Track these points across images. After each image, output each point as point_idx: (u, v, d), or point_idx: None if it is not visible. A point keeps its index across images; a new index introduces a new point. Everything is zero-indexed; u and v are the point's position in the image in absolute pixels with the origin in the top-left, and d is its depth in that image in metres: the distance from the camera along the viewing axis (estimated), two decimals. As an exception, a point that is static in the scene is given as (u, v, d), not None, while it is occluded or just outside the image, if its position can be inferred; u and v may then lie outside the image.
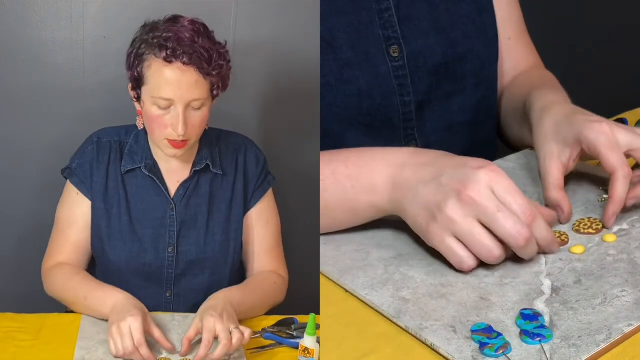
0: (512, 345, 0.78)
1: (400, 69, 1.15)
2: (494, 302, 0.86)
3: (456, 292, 0.88)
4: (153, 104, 1.10)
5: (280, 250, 1.28)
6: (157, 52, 1.08)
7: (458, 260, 0.90)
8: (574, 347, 0.77)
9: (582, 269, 0.91)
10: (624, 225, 1.00)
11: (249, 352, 1.04)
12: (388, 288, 0.89)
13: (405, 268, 0.93)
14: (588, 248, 0.96)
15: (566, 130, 1.04)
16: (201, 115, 1.12)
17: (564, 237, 0.98)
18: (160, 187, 1.19)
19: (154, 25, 1.12)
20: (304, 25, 1.43)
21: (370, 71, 1.14)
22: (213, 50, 1.10)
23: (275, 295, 1.22)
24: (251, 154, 1.25)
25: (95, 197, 1.18)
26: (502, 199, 0.88)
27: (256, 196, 1.25)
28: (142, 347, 1.00)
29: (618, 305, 0.84)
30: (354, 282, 0.91)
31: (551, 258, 0.94)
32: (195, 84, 1.09)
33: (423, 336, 0.81)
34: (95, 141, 1.20)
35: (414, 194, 0.93)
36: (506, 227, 0.87)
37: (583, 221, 1.01)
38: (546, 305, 0.84)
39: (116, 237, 1.18)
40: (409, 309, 0.85)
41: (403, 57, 1.15)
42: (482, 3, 1.25)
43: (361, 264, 0.95)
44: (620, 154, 1.00)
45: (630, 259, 0.92)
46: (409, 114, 1.18)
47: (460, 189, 0.88)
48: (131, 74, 1.13)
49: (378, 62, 1.14)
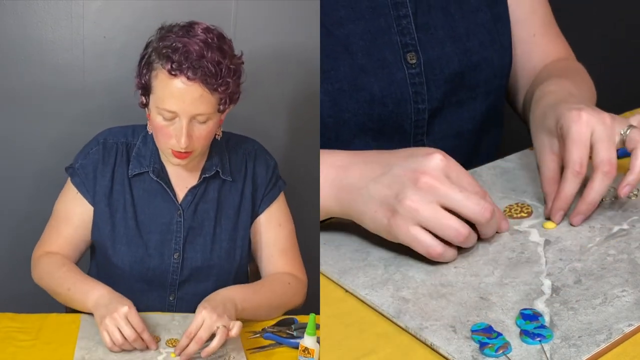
0: (512, 345, 0.78)
1: (417, 76, 1.15)
2: (494, 302, 0.86)
3: (456, 292, 0.88)
4: (158, 114, 1.09)
5: (295, 251, 1.25)
6: (163, 63, 1.06)
7: (426, 248, 0.90)
8: (574, 347, 0.77)
9: (582, 268, 0.91)
10: (624, 225, 1.00)
11: (249, 352, 1.04)
12: (388, 288, 0.89)
13: (405, 268, 0.93)
14: (588, 247, 0.96)
15: (550, 120, 1.03)
16: (206, 129, 1.10)
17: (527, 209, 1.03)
18: (168, 192, 1.18)
19: (168, 31, 1.09)
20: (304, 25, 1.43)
21: (385, 77, 1.13)
22: (222, 65, 1.07)
23: (289, 295, 1.18)
24: (261, 160, 1.24)
25: (99, 200, 1.17)
26: (457, 181, 0.90)
27: (265, 202, 1.23)
28: (145, 333, 1.00)
29: (618, 305, 0.84)
30: (354, 282, 0.91)
31: (551, 258, 0.94)
32: (200, 98, 1.07)
33: (423, 336, 0.81)
34: (101, 142, 1.18)
35: (366, 192, 0.93)
36: (470, 205, 0.89)
37: (513, 207, 1.05)
38: (546, 305, 0.84)
39: (120, 241, 1.17)
40: (409, 308, 0.85)
41: (420, 64, 1.15)
42: (497, 12, 1.25)
43: (361, 264, 0.95)
44: (582, 149, 0.97)
45: (630, 259, 0.92)
46: (421, 121, 1.17)
47: (416, 177, 0.89)
48: (139, 81, 1.11)
49: (394, 68, 1.13)
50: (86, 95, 1.44)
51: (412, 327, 0.82)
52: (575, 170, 0.97)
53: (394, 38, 1.14)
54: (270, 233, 1.23)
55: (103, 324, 1.00)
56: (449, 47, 1.17)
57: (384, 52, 1.13)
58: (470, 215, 0.90)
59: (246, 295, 1.11)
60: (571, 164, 0.97)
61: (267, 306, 1.14)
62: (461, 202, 0.89)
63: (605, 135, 0.97)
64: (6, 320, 1.06)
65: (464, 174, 0.92)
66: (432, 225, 0.89)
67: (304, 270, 1.24)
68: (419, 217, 0.89)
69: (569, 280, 0.89)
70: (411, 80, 1.14)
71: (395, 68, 1.13)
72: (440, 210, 0.89)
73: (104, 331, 1.00)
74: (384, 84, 1.13)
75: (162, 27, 1.10)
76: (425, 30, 1.16)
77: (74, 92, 1.44)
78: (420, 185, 0.89)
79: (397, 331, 0.83)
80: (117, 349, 1.00)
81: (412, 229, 0.89)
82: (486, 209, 0.90)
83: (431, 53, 1.16)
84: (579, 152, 0.97)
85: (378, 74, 1.12)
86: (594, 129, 0.97)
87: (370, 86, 1.12)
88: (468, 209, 0.89)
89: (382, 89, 1.12)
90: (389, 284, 0.90)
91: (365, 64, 1.12)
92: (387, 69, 1.13)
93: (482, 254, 0.96)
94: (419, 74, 1.15)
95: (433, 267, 0.93)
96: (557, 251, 0.95)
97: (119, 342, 0.99)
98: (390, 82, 1.13)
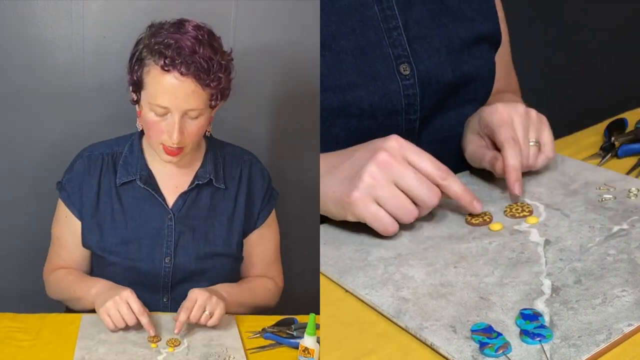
0: (512, 345, 0.78)
1: (411, 88, 1.15)
2: (494, 302, 0.86)
3: (456, 292, 0.88)
4: (150, 110, 1.10)
5: (278, 261, 1.30)
6: (156, 59, 1.07)
7: (384, 226, 0.96)
8: (574, 347, 0.77)
9: (582, 268, 0.91)
10: (624, 225, 1.00)
11: (249, 352, 1.04)
12: (388, 288, 0.89)
13: (405, 268, 0.93)
14: (588, 247, 0.96)
15: (474, 122, 1.14)
16: (198, 125, 1.11)
17: (487, 217, 1.03)
18: (157, 198, 1.18)
19: (158, 28, 1.11)
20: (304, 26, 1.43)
21: (377, 91, 1.13)
22: (214, 60, 1.09)
23: (266, 299, 1.24)
24: (256, 171, 1.25)
25: (86, 211, 1.18)
26: (417, 162, 0.96)
27: (263, 215, 1.25)
28: (143, 316, 1.03)
29: (618, 305, 0.84)
30: (354, 282, 0.91)
31: (551, 258, 0.94)
32: (193, 93, 1.08)
33: (423, 336, 0.81)
34: (85, 155, 1.19)
35: (327, 179, 0.99)
36: (421, 188, 0.96)
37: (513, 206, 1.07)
38: (546, 305, 0.84)
39: (109, 249, 1.18)
40: (409, 308, 0.85)
41: (414, 75, 1.15)
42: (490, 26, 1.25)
43: (361, 263, 0.95)
44: (509, 128, 1.06)
45: (630, 259, 0.92)
46: (412, 131, 1.18)
47: (376, 155, 0.96)
48: (130, 78, 1.12)
49: (387, 81, 1.14)
50: (86, 95, 1.44)
51: (412, 327, 0.82)
52: (511, 142, 1.05)
53: (386, 51, 1.14)
54: (260, 249, 1.27)
55: (104, 307, 1.03)
56: (444, 56, 1.18)
57: (376, 66, 1.14)
58: (419, 198, 0.96)
59: (233, 291, 1.16)
60: (505, 140, 1.06)
61: (248, 306, 1.19)
62: (412, 184, 0.95)
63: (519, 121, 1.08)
64: (6, 320, 1.06)
65: (423, 156, 0.97)
66: (388, 203, 0.96)
67: (282, 276, 1.30)
68: (375, 193, 0.95)
69: (569, 280, 0.89)
70: (405, 92, 1.15)
71: (389, 80, 1.14)
72: (396, 189, 0.95)
73: (105, 314, 1.03)
74: (376, 98, 1.13)
75: (152, 25, 1.12)
76: (418, 40, 1.17)
77: (74, 92, 1.44)
78: (378, 160, 0.95)
79: (397, 331, 0.83)
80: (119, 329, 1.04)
81: (371, 206, 0.96)
82: (435, 194, 0.96)
83: (427, 63, 1.17)
84: (508, 130, 1.06)
85: (369, 88, 1.13)
86: (511, 116, 1.08)
87: (359, 101, 1.13)
88: (418, 192, 0.95)
89: (373, 102, 1.13)
90: (389, 284, 0.90)
91: (355, 80, 1.12)
92: (380, 82, 1.13)
93: (482, 254, 0.96)
94: (412, 85, 1.15)
95: (433, 268, 0.93)
96: (557, 251, 0.95)
97: (120, 324, 1.02)
98: (382, 95, 1.13)
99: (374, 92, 1.13)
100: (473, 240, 0.99)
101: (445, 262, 0.94)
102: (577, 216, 1.03)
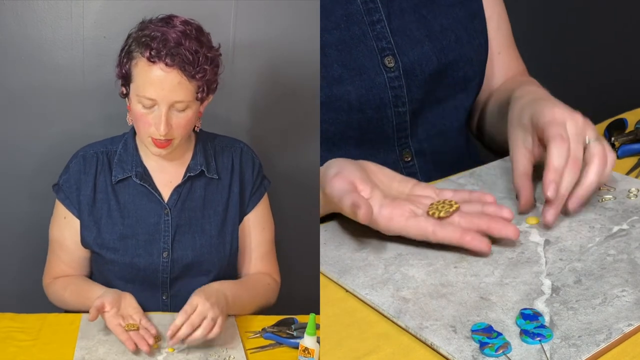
0: (512, 345, 0.78)
1: (396, 80, 1.15)
2: (494, 302, 0.86)
3: (456, 291, 0.88)
4: (138, 102, 1.10)
5: (274, 255, 1.29)
6: (142, 51, 1.08)
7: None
8: (574, 347, 0.77)
9: (582, 268, 0.91)
10: (624, 225, 1.01)
11: (249, 352, 1.04)
12: (388, 288, 0.89)
13: (405, 268, 0.93)
14: (588, 247, 0.96)
15: (526, 115, 1.04)
16: (185, 117, 1.12)
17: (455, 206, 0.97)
18: (153, 193, 1.19)
19: (148, 22, 1.12)
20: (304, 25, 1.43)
21: (363, 85, 1.14)
22: (199, 53, 1.09)
23: (267, 296, 1.23)
24: (247, 158, 1.25)
25: (83, 209, 1.18)
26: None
27: (253, 201, 1.25)
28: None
29: (618, 305, 0.84)
30: (354, 282, 0.91)
31: (551, 258, 0.94)
32: (179, 85, 1.08)
33: (423, 336, 0.81)
34: (80, 155, 1.20)
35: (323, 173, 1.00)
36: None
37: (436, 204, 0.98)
38: (546, 305, 0.84)
39: (107, 247, 1.18)
40: (409, 308, 0.85)
41: (399, 67, 1.16)
42: (472, 9, 1.26)
43: (361, 263, 0.95)
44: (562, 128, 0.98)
45: (630, 259, 0.93)
46: (403, 124, 1.18)
47: None
48: (119, 71, 1.13)
49: (373, 74, 1.14)
50: (86, 95, 1.44)
51: (412, 327, 0.82)
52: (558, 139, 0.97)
53: (370, 44, 1.15)
54: (253, 236, 1.26)
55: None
56: (427, 46, 1.18)
57: (361, 59, 1.14)
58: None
59: (237, 291, 1.15)
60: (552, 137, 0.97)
61: (250, 304, 1.18)
62: None
63: (575, 133, 0.99)
64: (6, 320, 1.06)
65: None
66: None
67: (279, 272, 1.29)
68: None
69: (569, 280, 0.89)
70: (391, 84, 1.15)
71: (374, 73, 1.14)
72: None
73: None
74: (363, 92, 1.14)
75: (143, 21, 1.13)
76: (401, 32, 1.17)
77: (74, 92, 1.44)
78: None
79: (397, 331, 0.83)
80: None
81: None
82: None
83: (412, 54, 1.17)
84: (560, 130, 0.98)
85: (355, 82, 1.13)
86: (567, 124, 0.99)
87: (347, 95, 1.13)
88: None
89: (360, 97, 1.13)
90: (389, 284, 0.90)
91: (341, 75, 1.13)
92: (365, 75, 1.14)
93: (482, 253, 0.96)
94: (397, 77, 1.15)
95: (433, 268, 0.93)
96: (557, 251, 0.95)
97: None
98: (369, 89, 1.14)
99: (360, 85, 1.13)
100: (473, 240, 0.99)
101: (446, 262, 0.94)
102: (577, 216, 1.03)
